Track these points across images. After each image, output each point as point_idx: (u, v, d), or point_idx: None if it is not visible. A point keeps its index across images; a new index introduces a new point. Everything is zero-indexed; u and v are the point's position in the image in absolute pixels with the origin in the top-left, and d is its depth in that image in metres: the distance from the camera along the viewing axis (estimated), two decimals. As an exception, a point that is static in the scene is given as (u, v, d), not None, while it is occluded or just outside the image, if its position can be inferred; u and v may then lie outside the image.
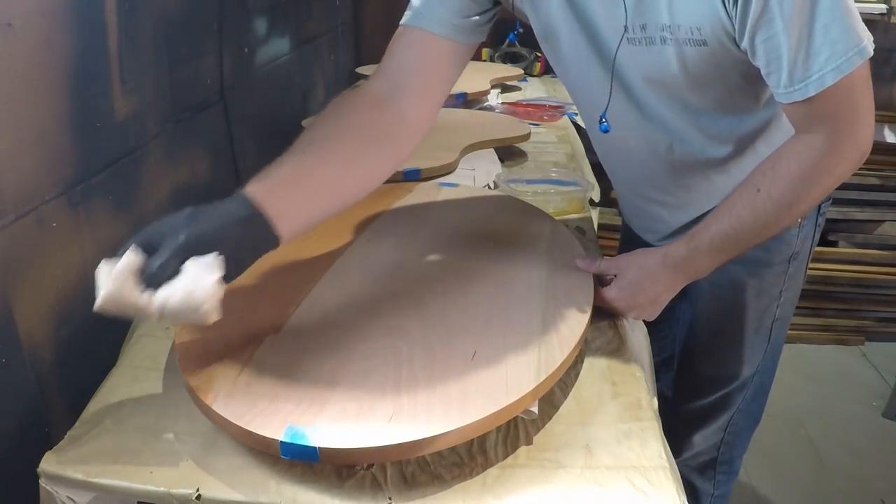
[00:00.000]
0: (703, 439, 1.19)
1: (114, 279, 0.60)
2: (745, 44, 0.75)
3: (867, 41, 0.73)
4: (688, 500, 0.70)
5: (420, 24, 0.87)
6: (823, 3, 0.70)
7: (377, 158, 0.84)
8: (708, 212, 0.88)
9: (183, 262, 0.62)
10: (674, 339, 1.25)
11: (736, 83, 0.84)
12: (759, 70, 0.77)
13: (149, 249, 0.63)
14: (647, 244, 1.09)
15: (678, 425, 1.18)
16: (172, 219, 0.65)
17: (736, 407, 1.15)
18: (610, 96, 0.90)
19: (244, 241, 0.67)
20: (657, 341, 1.02)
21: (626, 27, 0.82)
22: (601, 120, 0.93)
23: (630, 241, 1.19)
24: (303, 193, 0.74)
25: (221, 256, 0.63)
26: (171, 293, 0.61)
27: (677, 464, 0.98)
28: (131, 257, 0.61)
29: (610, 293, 0.89)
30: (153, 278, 0.61)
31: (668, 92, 0.87)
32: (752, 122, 0.91)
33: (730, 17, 0.74)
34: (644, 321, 0.93)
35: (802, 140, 0.79)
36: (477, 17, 0.89)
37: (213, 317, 0.62)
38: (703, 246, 0.85)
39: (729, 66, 0.81)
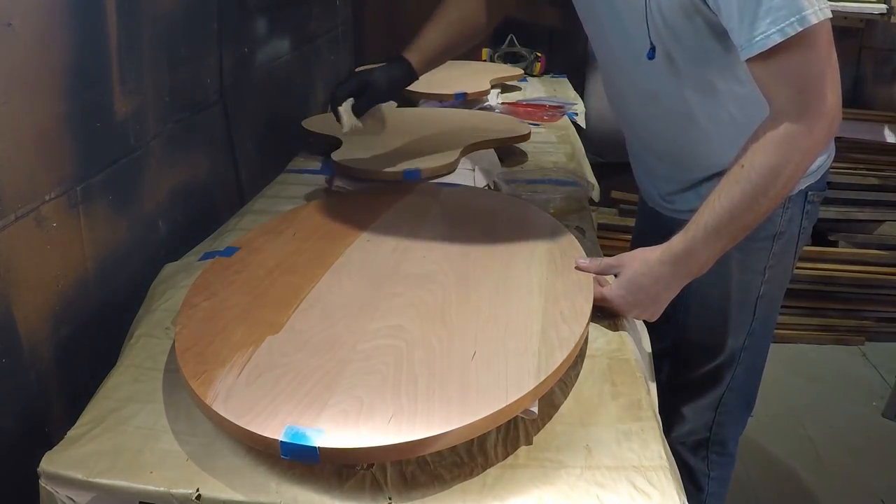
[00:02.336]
0: (693, 414, 1.21)
1: (346, 114, 1.13)
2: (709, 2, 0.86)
3: (809, 11, 0.79)
4: (684, 481, 0.74)
5: None
6: None
7: (483, 18, 1.19)
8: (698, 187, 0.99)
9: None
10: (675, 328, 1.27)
11: (705, 35, 0.92)
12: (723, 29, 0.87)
13: (355, 92, 1.13)
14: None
15: (668, 397, 1.17)
16: (365, 76, 1.15)
17: (726, 385, 1.18)
18: (649, 28, 0.96)
19: (397, 88, 1.19)
20: (658, 330, 1.03)
21: None
22: (651, 47, 0.97)
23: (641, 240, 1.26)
24: (439, 57, 1.21)
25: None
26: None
27: (671, 442, 1.02)
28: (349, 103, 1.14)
29: (611, 292, 0.89)
30: (356, 113, 1.13)
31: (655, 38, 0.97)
32: (726, 80, 0.98)
33: None
34: (645, 322, 0.93)
35: (772, 112, 0.85)
36: None
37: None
38: (699, 233, 0.86)
39: (694, 16, 0.90)
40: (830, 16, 0.81)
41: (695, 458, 1.25)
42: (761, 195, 0.84)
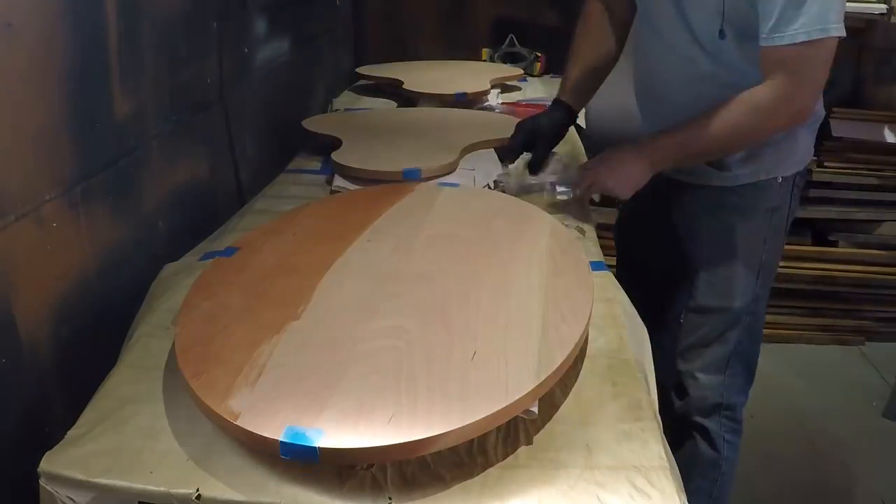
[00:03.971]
0: (706, 378, 1.31)
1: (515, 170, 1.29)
2: None
3: (834, 26, 1.01)
4: (703, 445, 1.09)
5: None
6: None
7: (613, 46, 1.34)
8: None
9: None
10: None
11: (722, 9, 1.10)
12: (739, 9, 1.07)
13: (528, 143, 1.32)
14: (643, 276, 1.39)
15: (681, 362, 1.34)
16: (531, 126, 1.33)
17: (732, 347, 1.30)
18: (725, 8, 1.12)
19: (564, 130, 1.38)
20: (671, 295, 1.44)
21: None
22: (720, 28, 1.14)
23: (626, 256, 1.58)
24: (589, 92, 1.37)
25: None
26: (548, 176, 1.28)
27: (687, 410, 1.33)
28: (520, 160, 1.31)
29: (591, 169, 1.21)
30: (534, 167, 1.30)
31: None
32: (728, 56, 1.14)
33: None
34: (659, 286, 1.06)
35: (761, 85, 1.08)
36: None
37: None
38: (667, 133, 1.16)
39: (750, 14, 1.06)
40: (843, 36, 1.02)
41: (710, 420, 1.32)
42: (718, 140, 1.12)
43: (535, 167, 1.30)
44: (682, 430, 1.33)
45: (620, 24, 1.33)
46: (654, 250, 1.45)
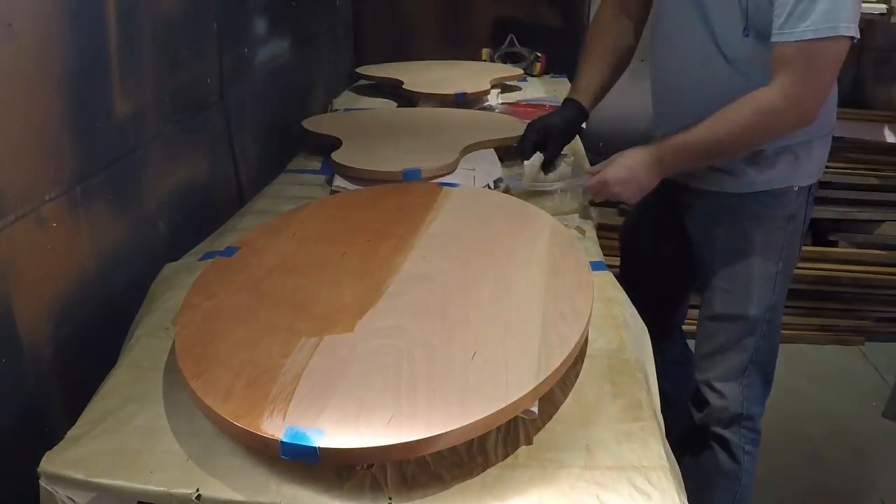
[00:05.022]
0: (726, 388, 1.29)
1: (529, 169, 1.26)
2: None
3: (844, 25, 1.00)
4: (723, 456, 1.09)
5: None
6: None
7: (626, 49, 1.34)
8: None
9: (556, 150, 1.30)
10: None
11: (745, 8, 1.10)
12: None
13: (539, 143, 1.29)
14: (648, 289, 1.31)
15: (701, 372, 1.32)
16: (543, 124, 1.30)
17: (749, 355, 1.28)
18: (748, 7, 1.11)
19: (577, 129, 1.33)
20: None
21: None
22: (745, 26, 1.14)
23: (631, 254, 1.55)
24: (602, 92, 1.33)
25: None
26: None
27: (707, 422, 1.31)
28: (535, 157, 1.28)
29: (598, 174, 1.17)
30: (548, 166, 1.29)
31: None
32: (749, 54, 1.13)
33: None
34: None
35: (768, 86, 1.07)
36: None
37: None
38: (677, 138, 1.14)
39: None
40: (857, 37, 1.02)
41: (729, 431, 1.31)
42: (728, 141, 1.12)
43: (546, 166, 1.29)
44: (700, 441, 1.31)
45: (635, 25, 1.32)
46: (663, 255, 1.44)
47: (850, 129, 2.27)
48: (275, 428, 0.62)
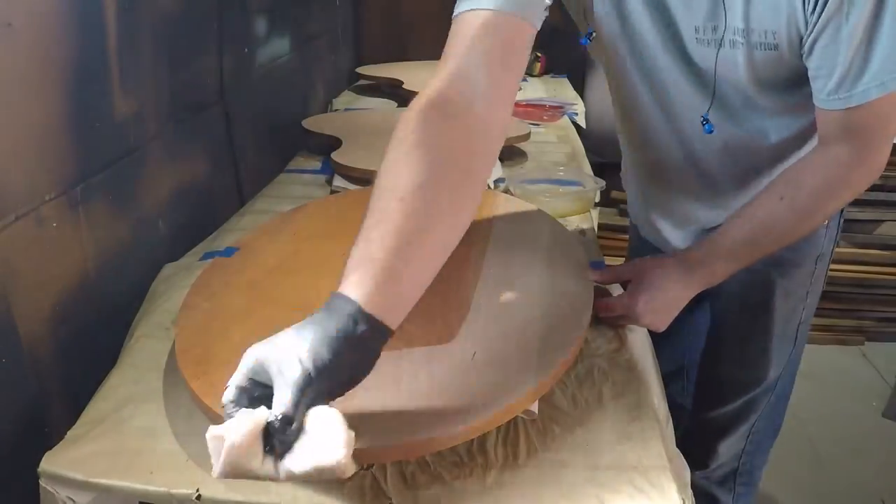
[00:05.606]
0: (727, 448, 1.18)
1: (235, 448, 0.53)
2: (805, 46, 0.78)
3: None
4: None
5: (486, 4, 0.78)
6: (886, 22, 0.73)
7: (470, 195, 0.71)
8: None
9: (305, 403, 0.54)
10: (684, 349, 1.25)
11: (799, 84, 0.84)
12: None
13: (260, 378, 0.58)
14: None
15: (702, 435, 1.18)
16: (281, 343, 0.58)
17: (759, 413, 1.15)
18: (714, 96, 0.89)
19: (363, 362, 0.59)
20: (666, 351, 0.99)
21: (696, 27, 0.84)
22: (704, 121, 0.91)
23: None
24: (409, 284, 0.65)
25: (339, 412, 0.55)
26: (299, 462, 0.53)
27: (699, 477, 1.07)
28: (251, 420, 0.54)
29: (627, 298, 0.89)
30: (283, 443, 0.54)
31: (733, 90, 0.89)
32: (804, 125, 0.93)
33: (806, 21, 0.77)
34: (653, 333, 0.92)
35: (827, 152, 0.83)
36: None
37: (349, 473, 0.54)
38: (721, 250, 0.88)
39: (796, 69, 0.82)
40: None
41: (721, 489, 1.23)
42: (790, 233, 0.87)
43: (280, 432, 0.55)
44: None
45: (489, 143, 0.76)
46: None
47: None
48: (275, 428, 0.62)
